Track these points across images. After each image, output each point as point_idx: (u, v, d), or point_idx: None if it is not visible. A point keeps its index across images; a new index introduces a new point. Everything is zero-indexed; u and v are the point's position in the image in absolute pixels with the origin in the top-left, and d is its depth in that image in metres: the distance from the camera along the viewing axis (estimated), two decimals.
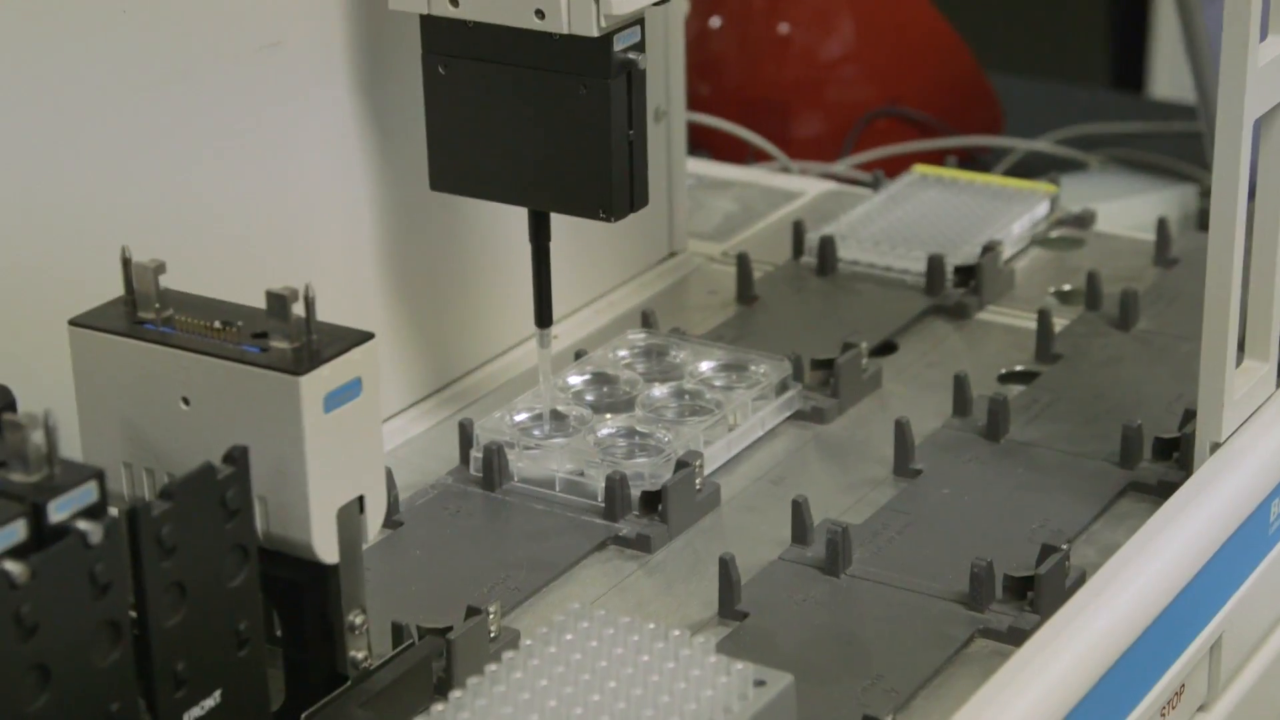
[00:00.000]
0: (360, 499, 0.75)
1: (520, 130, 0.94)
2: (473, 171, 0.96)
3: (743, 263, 1.13)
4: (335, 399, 0.73)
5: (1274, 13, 0.89)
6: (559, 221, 0.98)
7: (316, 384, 0.72)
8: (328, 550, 0.74)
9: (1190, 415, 0.94)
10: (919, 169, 1.24)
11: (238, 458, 0.71)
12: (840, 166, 1.48)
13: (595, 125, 0.92)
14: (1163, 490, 0.92)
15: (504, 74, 0.93)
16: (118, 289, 0.76)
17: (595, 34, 0.90)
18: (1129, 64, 2.41)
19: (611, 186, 0.93)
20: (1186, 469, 0.92)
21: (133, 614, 0.68)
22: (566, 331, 1.09)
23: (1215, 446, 0.90)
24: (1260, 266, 0.93)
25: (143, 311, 0.75)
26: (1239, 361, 0.92)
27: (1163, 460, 0.94)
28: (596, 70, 0.91)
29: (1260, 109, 0.89)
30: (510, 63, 0.92)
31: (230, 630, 0.72)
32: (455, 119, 0.95)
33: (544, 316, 0.98)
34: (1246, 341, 0.93)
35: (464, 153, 0.95)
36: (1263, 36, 0.87)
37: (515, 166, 0.95)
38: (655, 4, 0.92)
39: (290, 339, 0.73)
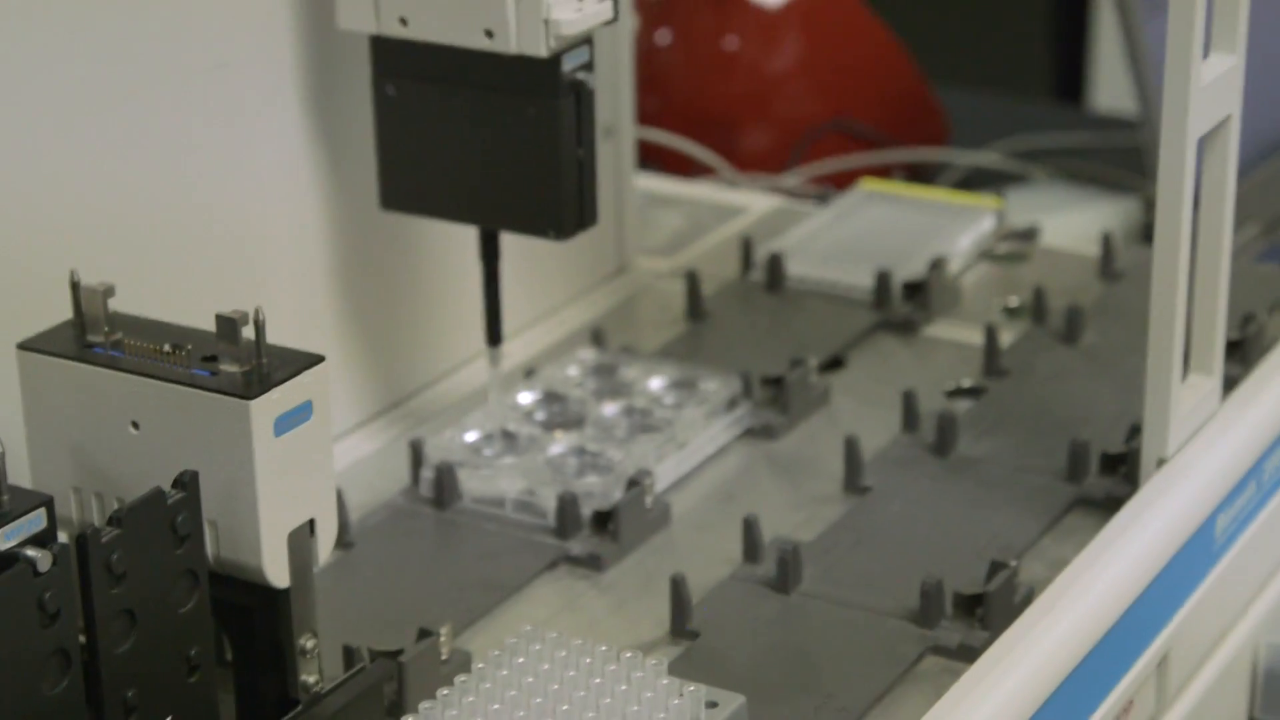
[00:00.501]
0: (311, 522, 0.75)
1: (470, 150, 0.94)
2: (423, 191, 0.96)
3: (691, 279, 1.13)
4: (286, 422, 0.73)
5: (1216, 31, 0.90)
6: (509, 240, 0.98)
7: (267, 408, 0.72)
8: (279, 574, 0.74)
9: (1136, 430, 0.94)
10: (866, 184, 1.24)
11: (188, 483, 0.71)
12: (787, 180, 1.48)
13: (544, 144, 0.92)
14: (1110, 505, 0.92)
15: (454, 94, 0.93)
16: (66, 312, 0.76)
17: (544, 54, 0.90)
18: (1069, 76, 2.42)
19: (560, 205, 0.94)
20: (1133, 484, 0.93)
21: (82, 641, 0.68)
22: (516, 349, 1.08)
23: (1161, 461, 0.91)
24: (1204, 282, 0.93)
25: (91, 335, 0.75)
26: (1185, 376, 0.92)
27: (1109, 475, 0.95)
28: (545, 90, 0.91)
29: (1204, 127, 0.89)
30: (460, 83, 0.93)
31: (181, 656, 0.71)
32: (405, 138, 0.95)
33: (494, 334, 0.98)
34: (1192, 356, 0.94)
35: (414, 172, 0.96)
36: (1205, 54, 0.88)
37: (465, 186, 0.95)
38: (604, 24, 0.92)
39: (240, 362, 0.73)
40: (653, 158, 1.48)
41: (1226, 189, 0.93)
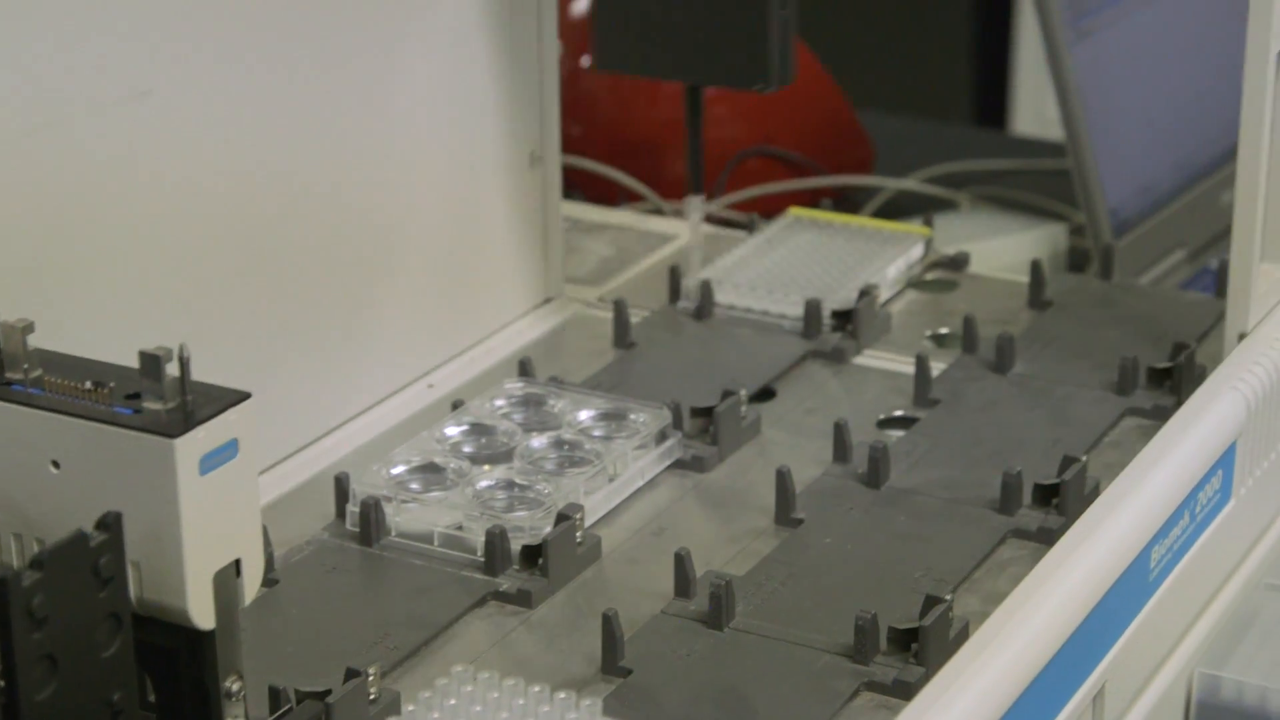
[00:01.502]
0: (237, 562, 0.74)
1: (683, 10, 1.04)
2: (636, 50, 1.06)
3: (619, 308, 1.12)
4: (211, 461, 0.71)
5: None
6: (430, 270, 0.97)
7: (192, 446, 0.70)
8: (204, 616, 0.72)
9: (1069, 460, 0.94)
10: (794, 211, 1.24)
11: (111, 524, 0.69)
12: (713, 207, 1.48)
13: (755, 4, 1.02)
14: (1043, 536, 0.92)
15: None
16: None
17: None
18: (992, 101, 2.43)
19: (768, 60, 1.03)
20: (1066, 515, 0.92)
21: (1, 685, 0.66)
22: (442, 380, 1.07)
23: (1242, 335, 1.02)
24: (1274, 184, 1.03)
25: (10, 372, 0.73)
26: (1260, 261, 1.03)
27: (1042, 506, 0.94)
28: None
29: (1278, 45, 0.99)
30: None
31: (104, 701, 0.70)
32: (620, 4, 1.05)
33: (697, 183, 1.10)
34: (1265, 247, 1.04)
35: (628, 33, 1.05)
36: None
37: (676, 45, 1.04)
38: None
39: (164, 400, 0.71)
40: (579, 185, 1.47)
41: None
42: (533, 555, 0.90)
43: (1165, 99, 1.41)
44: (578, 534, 0.91)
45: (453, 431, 0.99)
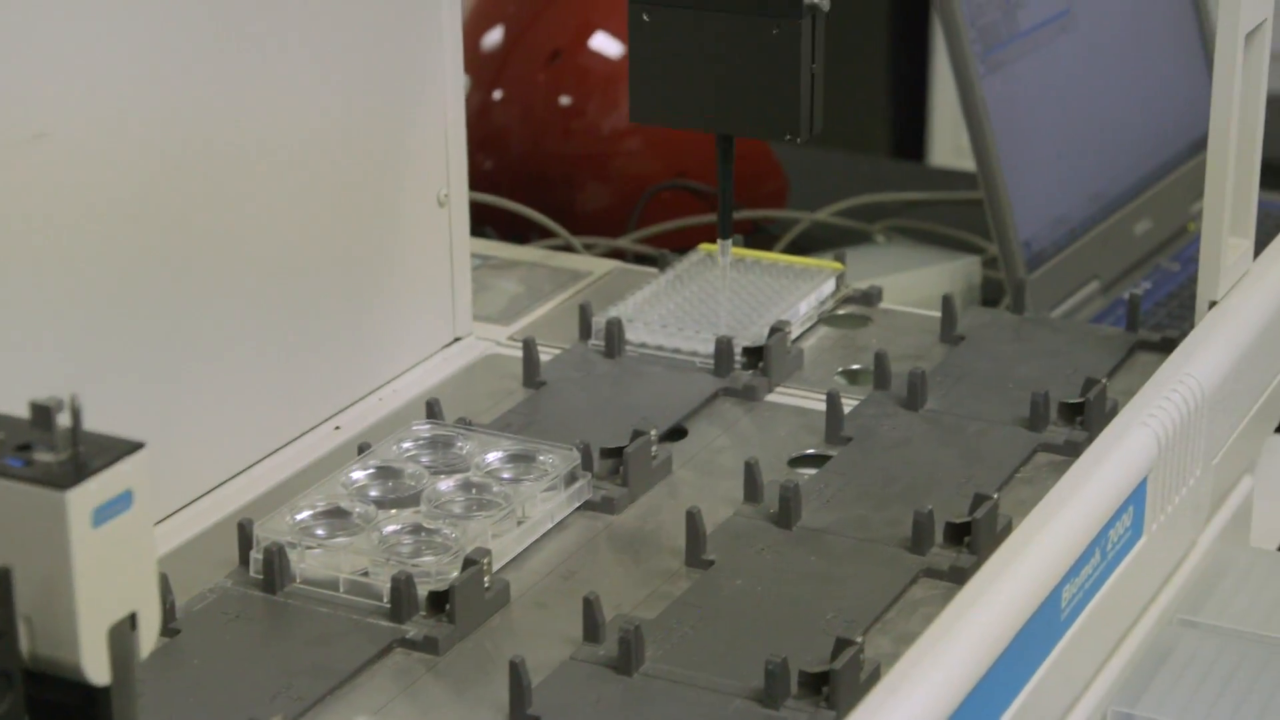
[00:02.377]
0: (133, 615, 0.72)
1: (716, 67, 1.07)
2: (671, 103, 1.09)
3: (529, 347, 1.11)
4: (105, 513, 0.70)
5: None
6: (337, 311, 0.95)
7: (84, 499, 0.69)
8: (98, 671, 0.71)
9: (981, 499, 0.93)
10: (704, 248, 1.23)
11: (1, 579, 0.67)
12: (626, 241, 1.47)
13: (786, 61, 1.06)
14: (955, 576, 0.92)
15: (702, 18, 1.07)
16: None
17: None
18: (909, 133, 2.43)
19: (799, 112, 1.07)
20: (978, 554, 0.92)
21: None
22: (348, 423, 1.06)
23: (1213, 304, 1.08)
24: (1242, 160, 1.09)
25: None
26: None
27: (954, 545, 0.94)
28: (788, 12, 1.05)
29: (1250, 24, 1.06)
30: (708, 8, 1.07)
31: None
32: (656, 59, 1.08)
33: (726, 228, 1.13)
34: (1232, 222, 1.09)
35: (663, 87, 1.09)
36: None
37: (710, 98, 1.08)
38: None
39: (55, 451, 0.70)
40: (491, 221, 1.46)
41: (1262, 80, 1.10)
42: (440, 601, 0.89)
43: (1078, 131, 1.42)
44: (485, 579, 0.90)
45: (359, 475, 0.98)
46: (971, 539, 0.93)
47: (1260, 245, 1.14)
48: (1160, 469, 0.98)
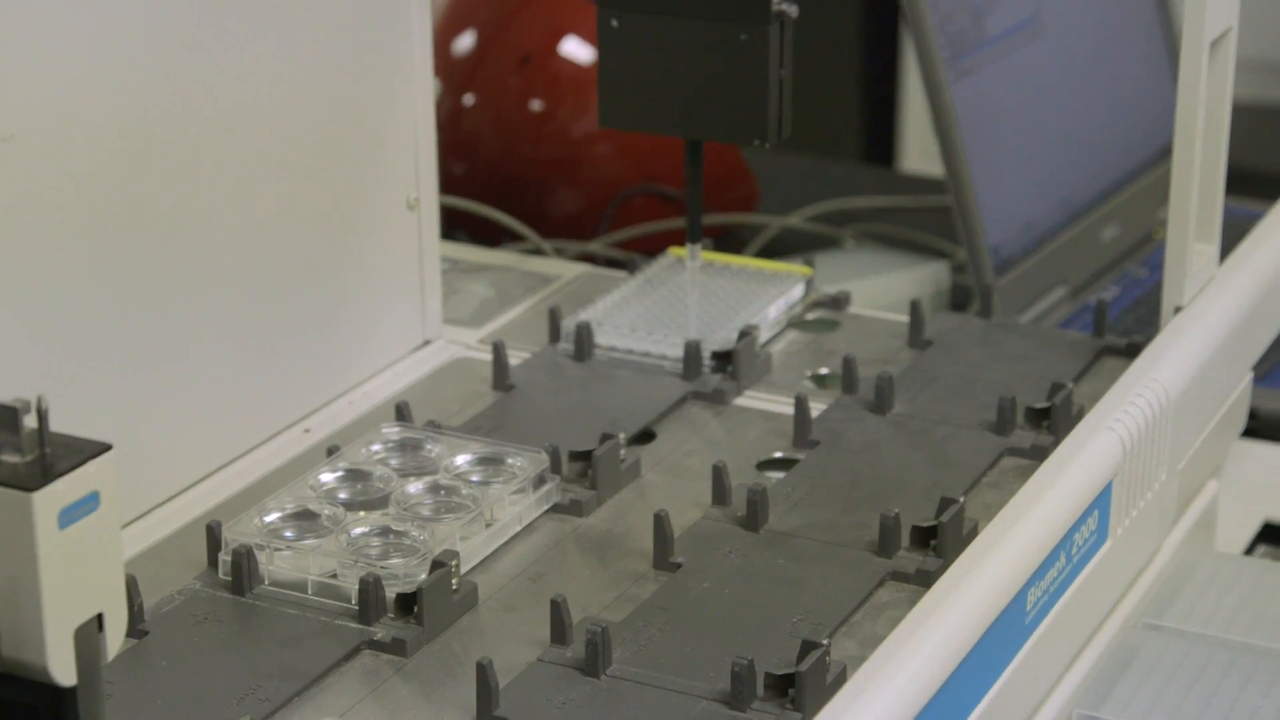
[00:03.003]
0: (99, 617, 0.72)
1: (685, 72, 1.08)
2: (640, 108, 1.10)
3: (498, 351, 1.11)
4: (71, 515, 0.70)
5: None
6: (307, 313, 0.95)
7: (50, 500, 0.69)
8: (64, 672, 0.71)
9: (948, 502, 0.94)
10: (674, 252, 1.23)
11: None
12: (597, 246, 1.47)
13: (754, 66, 1.06)
14: (921, 579, 0.92)
15: (671, 23, 1.07)
16: None
17: None
18: (880, 139, 2.44)
19: (767, 118, 1.07)
20: (944, 557, 0.92)
21: None
22: (318, 425, 1.06)
23: (1178, 309, 1.08)
24: (1207, 167, 1.09)
25: None
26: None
27: (920, 548, 0.94)
28: (756, 18, 1.05)
29: (1215, 32, 1.06)
30: (676, 14, 1.07)
31: None
32: (625, 64, 1.09)
33: (695, 232, 1.14)
34: (1197, 227, 1.09)
35: (633, 93, 1.09)
36: None
37: (679, 103, 1.09)
38: None
39: (21, 452, 0.70)
40: (461, 225, 1.46)
41: (1226, 91, 1.10)
42: (408, 603, 0.89)
43: (1046, 137, 1.42)
44: (453, 581, 0.90)
45: (328, 477, 0.98)
46: (938, 542, 0.93)
47: (1226, 251, 1.15)
48: (1125, 473, 0.99)
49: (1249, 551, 1.23)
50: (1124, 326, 1.35)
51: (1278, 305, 1.17)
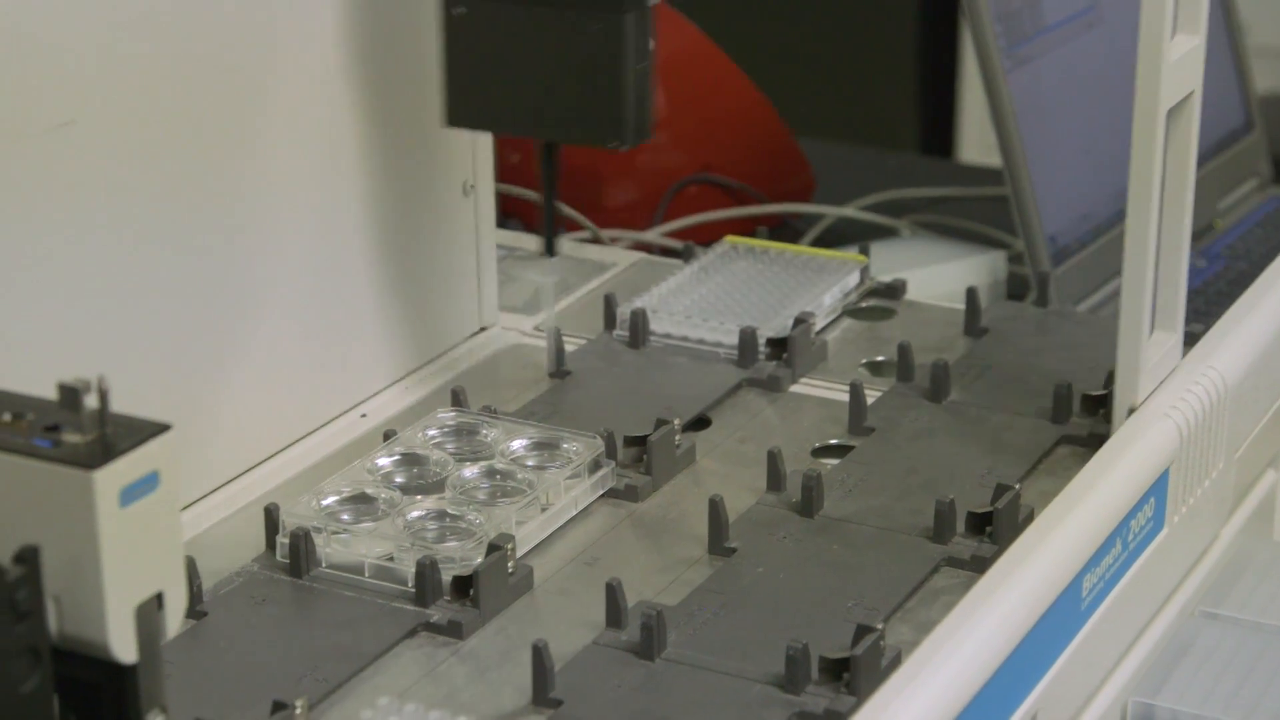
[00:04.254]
0: (159, 595, 0.73)
1: (535, 65, 0.99)
2: (489, 106, 1.01)
3: (554, 337, 1.11)
4: (131, 493, 0.70)
5: (1181, 14, 0.96)
6: (366, 296, 0.96)
7: (111, 479, 0.69)
8: (125, 650, 0.71)
9: (1003, 488, 0.94)
10: (730, 240, 1.24)
11: (29, 558, 0.68)
12: (652, 235, 1.47)
13: (608, 59, 0.97)
14: (976, 565, 0.92)
15: (520, 12, 0.98)
16: None
17: None
18: (938, 130, 2.43)
19: (623, 116, 0.98)
20: (999, 543, 0.92)
21: None
22: (374, 410, 1.07)
23: (1132, 409, 0.98)
24: (1168, 245, 1.00)
25: None
26: (1150, 333, 0.99)
27: (975, 535, 0.94)
28: (610, 6, 0.96)
29: (1172, 100, 0.96)
30: (525, 1, 0.98)
31: None
32: (472, 57, 1.00)
33: (551, 244, 1.05)
34: (1157, 314, 1.00)
35: (480, 89, 1.00)
36: (1172, 34, 0.94)
37: (530, 100, 1.00)
38: None
39: (83, 432, 0.70)
40: (517, 214, 1.46)
41: (1189, 160, 1.00)
42: (464, 586, 0.90)
43: (1103, 126, 1.42)
44: (509, 564, 0.91)
45: (384, 462, 0.98)
46: (993, 529, 0.93)
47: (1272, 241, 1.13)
48: (1182, 461, 0.98)
49: None
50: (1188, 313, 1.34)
51: None
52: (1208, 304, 1.36)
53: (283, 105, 1.00)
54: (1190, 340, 1.11)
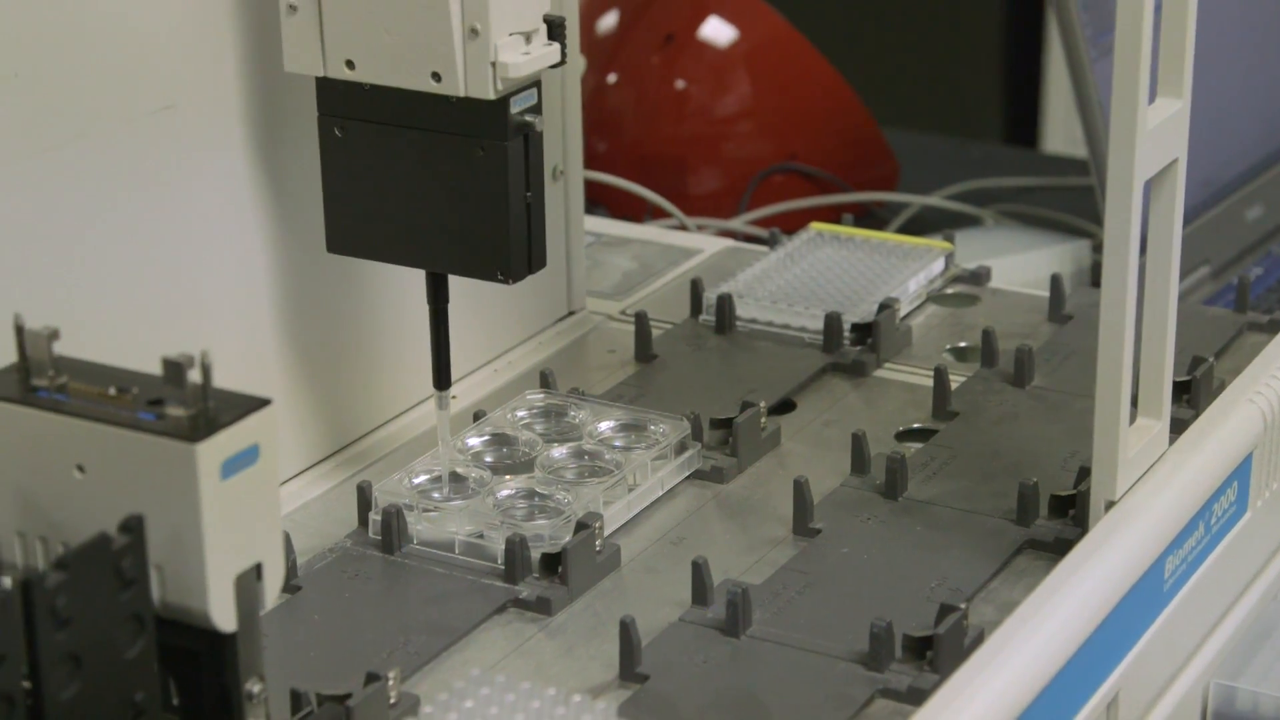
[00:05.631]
0: (258, 566, 0.75)
1: (418, 193, 0.94)
2: (371, 234, 0.96)
3: (641, 321, 1.13)
4: (232, 466, 0.72)
5: (1162, 75, 0.91)
6: (456, 281, 0.98)
7: (213, 451, 0.71)
8: (225, 619, 0.73)
9: (1085, 472, 0.94)
10: (815, 226, 1.25)
11: (134, 527, 0.70)
12: (737, 223, 1.49)
13: (493, 187, 0.93)
14: (1059, 547, 0.93)
15: (401, 136, 0.93)
16: (10, 356, 0.75)
17: (492, 96, 0.90)
18: (1023, 119, 2.43)
19: (510, 249, 0.94)
20: (1082, 526, 0.93)
21: (27, 685, 0.68)
22: (465, 392, 1.08)
23: (1110, 504, 0.91)
24: (1151, 325, 0.94)
25: (36, 379, 0.74)
26: (1133, 419, 0.93)
27: (1059, 518, 0.95)
28: (493, 132, 0.91)
29: (1150, 170, 0.90)
30: (407, 125, 0.93)
31: (126, 701, 0.71)
32: (353, 181, 0.95)
33: (442, 379, 0.98)
34: (1140, 399, 0.94)
35: (362, 215, 0.96)
36: (1151, 99, 0.88)
37: (413, 229, 0.95)
38: (552, 67, 0.92)
39: (186, 406, 0.72)
40: (603, 200, 1.48)
41: (1173, 232, 0.93)
42: (552, 564, 0.91)
43: (1195, 116, 1.42)
44: (597, 543, 0.92)
45: (474, 442, 1.00)
46: (1077, 512, 0.94)
47: None
48: (1266, 446, 0.99)
49: None
50: (1267, 305, 1.34)
51: None
52: None
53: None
54: (1274, 328, 1.11)
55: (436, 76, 0.90)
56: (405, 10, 0.90)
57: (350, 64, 0.92)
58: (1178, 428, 1.01)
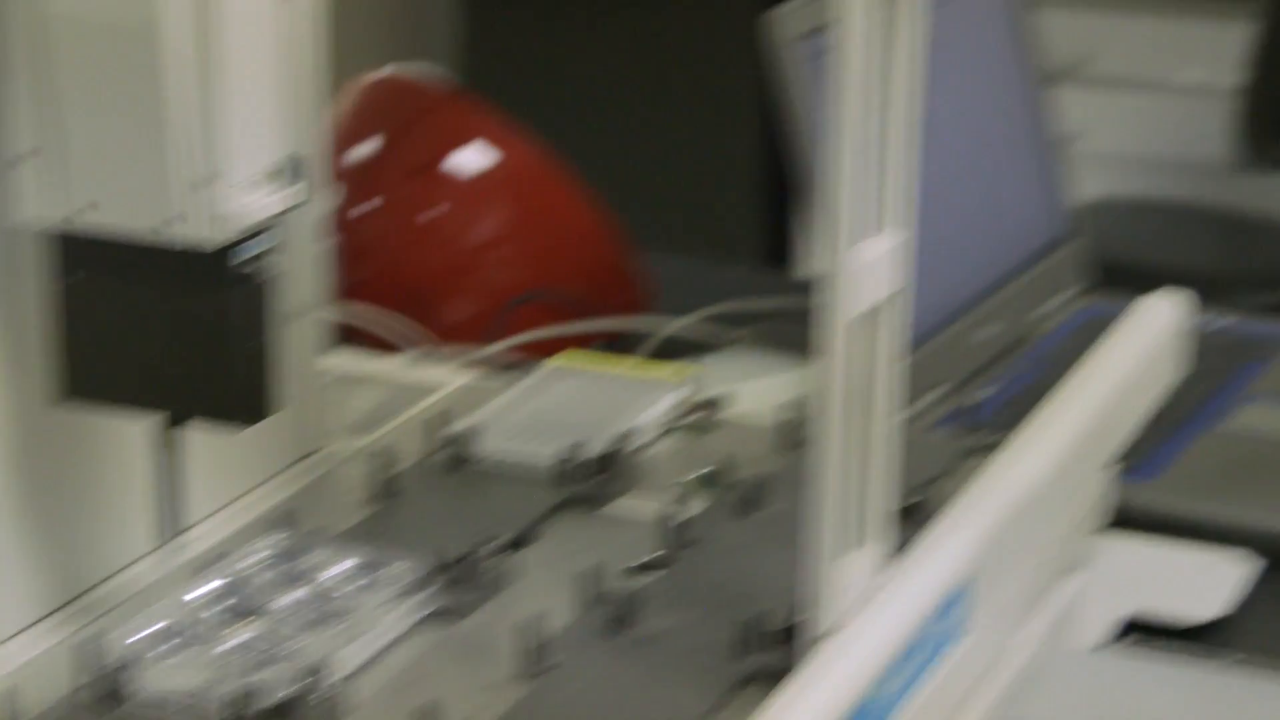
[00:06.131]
0: None
1: (147, 341, 0.94)
2: (103, 382, 0.96)
3: (382, 459, 1.14)
4: None
5: (886, 209, 0.92)
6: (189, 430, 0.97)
7: None
8: None
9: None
10: (555, 360, 1.26)
11: None
12: (487, 352, 1.50)
13: (215, 337, 0.93)
14: (782, 679, 0.94)
15: (129, 286, 0.93)
16: None
17: (211, 247, 0.91)
18: (782, 243, 2.48)
19: (236, 397, 0.95)
20: (796, 660, 0.94)
21: None
22: (201, 536, 1.08)
23: (822, 637, 0.92)
24: (871, 453, 0.95)
25: None
26: (844, 551, 0.93)
27: (782, 648, 0.96)
28: (212, 286, 0.92)
29: (858, 309, 0.91)
30: (135, 275, 0.93)
31: None
32: (90, 328, 0.95)
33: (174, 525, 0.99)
34: (861, 527, 0.95)
35: (93, 364, 0.96)
36: (880, 228, 0.91)
37: (144, 376, 0.95)
38: (280, 213, 0.93)
39: None
40: (355, 331, 1.49)
41: (886, 362, 0.94)
42: (279, 715, 0.91)
43: (923, 240, 1.45)
44: (325, 691, 0.92)
45: (204, 589, 1.00)
46: (794, 644, 0.96)
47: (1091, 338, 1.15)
48: (984, 571, 1.01)
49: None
50: (999, 423, 1.37)
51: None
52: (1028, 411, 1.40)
53: None
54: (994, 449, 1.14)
55: (161, 225, 0.91)
56: (132, 156, 0.90)
57: (80, 212, 0.92)
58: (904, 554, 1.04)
